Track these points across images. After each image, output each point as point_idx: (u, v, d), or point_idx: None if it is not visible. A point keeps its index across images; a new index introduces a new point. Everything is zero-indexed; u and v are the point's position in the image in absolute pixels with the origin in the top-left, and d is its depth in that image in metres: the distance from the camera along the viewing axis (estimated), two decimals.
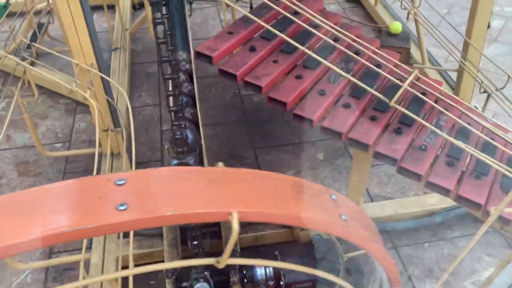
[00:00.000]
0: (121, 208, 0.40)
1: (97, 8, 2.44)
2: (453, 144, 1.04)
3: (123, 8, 2.34)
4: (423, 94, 1.16)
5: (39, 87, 1.96)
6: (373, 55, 1.14)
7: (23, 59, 1.55)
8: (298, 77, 1.11)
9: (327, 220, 0.48)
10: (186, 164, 0.98)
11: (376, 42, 1.27)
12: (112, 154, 1.60)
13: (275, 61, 1.12)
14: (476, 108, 1.80)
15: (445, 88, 1.88)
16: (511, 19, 2.56)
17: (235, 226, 0.41)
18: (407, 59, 1.65)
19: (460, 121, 1.04)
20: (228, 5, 1.08)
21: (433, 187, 1.00)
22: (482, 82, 1.34)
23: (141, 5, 2.54)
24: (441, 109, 1.07)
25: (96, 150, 1.17)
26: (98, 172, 1.62)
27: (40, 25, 1.90)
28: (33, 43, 1.45)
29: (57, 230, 0.37)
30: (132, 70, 2.11)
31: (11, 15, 1.81)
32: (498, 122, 1.32)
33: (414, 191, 1.58)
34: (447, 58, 2.20)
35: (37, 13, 1.99)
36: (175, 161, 1.01)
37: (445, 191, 0.99)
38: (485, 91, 1.36)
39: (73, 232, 0.38)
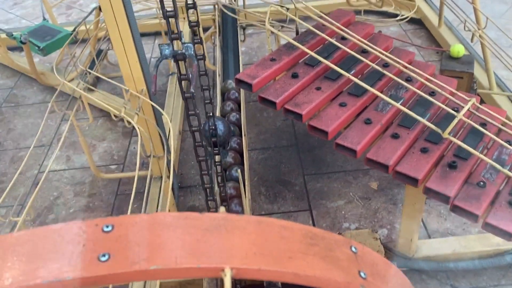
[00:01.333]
0: (103, 258, 0.37)
1: (158, 34, 2.53)
2: None
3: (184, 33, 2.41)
4: (483, 124, 1.05)
5: (99, 110, 2.05)
6: (426, 82, 1.06)
7: (82, 85, 1.62)
8: (342, 104, 1.05)
9: (341, 279, 0.42)
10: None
11: (431, 68, 1.18)
12: (161, 178, 1.62)
13: (318, 88, 1.07)
14: None
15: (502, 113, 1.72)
16: None
17: (227, 284, 0.37)
18: (471, 84, 1.52)
19: None
20: (272, 32, 1.05)
21: (492, 229, 0.89)
22: None
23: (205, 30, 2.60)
24: (502, 142, 0.96)
25: (136, 175, 1.18)
26: (148, 195, 1.65)
27: (99, 52, 2.00)
28: (89, 70, 1.51)
29: (32, 282, 0.35)
30: None
31: (76, 41, 1.92)
32: None
33: (477, 227, 1.44)
34: None
35: (99, 39, 2.09)
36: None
37: (506, 234, 0.88)
38: None
39: (49, 285, 0.36)
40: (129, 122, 1.25)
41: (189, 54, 0.70)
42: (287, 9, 1.14)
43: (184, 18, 2.41)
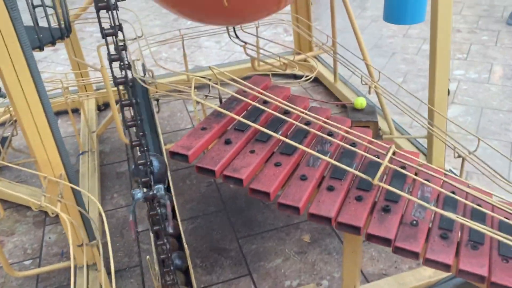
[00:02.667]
0: None
1: (61, 113, 2.43)
2: (443, 216, 1.02)
3: (88, 111, 2.34)
4: (403, 167, 1.15)
5: (4, 201, 1.87)
6: (346, 135, 1.14)
7: None
8: (277, 164, 1.09)
9: None
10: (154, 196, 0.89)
11: (347, 122, 1.28)
12: (87, 266, 1.49)
13: (252, 151, 1.10)
14: (452, 171, 1.83)
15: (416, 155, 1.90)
16: (462, 81, 2.71)
17: None
18: (377, 131, 1.67)
19: (444, 191, 1.03)
20: (198, 102, 1.08)
21: (432, 264, 0.96)
22: (455, 147, 1.36)
23: (106, 106, 2.55)
24: (423, 181, 1.06)
25: (72, 267, 1.08)
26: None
27: (4, 138, 1.85)
28: None
29: None
30: (102, 172, 2.05)
31: None
32: (476, 184, 1.32)
33: (407, 263, 1.53)
34: (411, 123, 2.26)
35: (0, 125, 1.95)
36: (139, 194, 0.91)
37: (445, 267, 0.95)
38: (459, 156, 1.38)
39: None
40: (52, 211, 1.16)
41: (160, 195, 0.73)
42: (209, 79, 1.17)
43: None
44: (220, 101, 1.26)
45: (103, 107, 2.52)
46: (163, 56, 3.39)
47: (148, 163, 0.79)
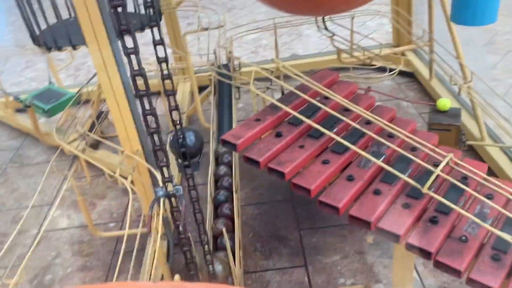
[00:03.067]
0: None
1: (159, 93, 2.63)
2: (499, 236, 0.93)
3: (182, 92, 2.50)
4: (464, 179, 1.07)
5: (100, 169, 2.10)
6: (407, 139, 1.09)
7: (82, 146, 1.68)
8: (325, 162, 1.09)
9: None
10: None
11: (412, 124, 1.22)
12: (157, 235, 1.63)
13: (301, 146, 1.11)
14: None
15: (509, 165, 1.73)
16: None
17: None
18: (459, 136, 1.55)
19: (505, 211, 0.94)
20: (257, 94, 1.11)
21: (476, 285, 0.89)
22: None
23: (201, 89, 2.70)
24: (483, 198, 0.98)
25: (126, 234, 1.20)
26: (143, 253, 1.65)
27: (101, 113, 2.08)
28: (87, 132, 1.58)
29: None
30: None
31: (80, 102, 2.01)
32: None
33: None
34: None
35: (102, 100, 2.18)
36: None
37: None
38: None
39: None
40: (122, 183, 1.29)
41: (179, 195, 0.86)
42: (272, 71, 1.20)
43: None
44: (282, 94, 1.28)
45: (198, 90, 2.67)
46: (263, 43, 3.46)
47: (182, 137, 0.86)
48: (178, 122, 0.88)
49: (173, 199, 0.93)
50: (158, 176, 1.24)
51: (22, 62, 3.74)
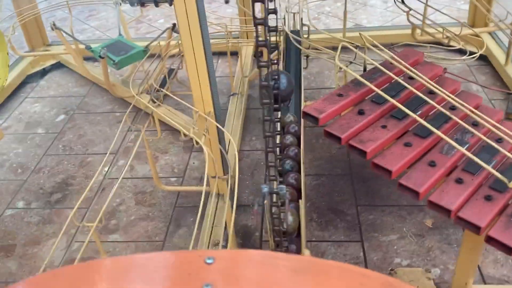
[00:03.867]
0: None
1: (222, 54, 2.64)
2: None
3: (245, 56, 2.50)
4: None
5: (164, 124, 2.16)
6: (493, 129, 1.06)
7: (153, 101, 1.73)
8: (407, 144, 1.08)
9: None
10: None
11: (499, 114, 1.18)
12: (218, 195, 1.69)
13: (383, 126, 1.10)
14: None
15: None
16: None
17: None
18: None
19: None
20: (340, 68, 1.10)
21: None
22: None
23: (261, 53, 2.68)
24: None
25: (203, 194, 1.24)
26: (204, 211, 1.72)
27: (170, 70, 2.11)
28: (161, 89, 1.61)
29: None
30: (246, 115, 2.22)
31: (149, 57, 2.05)
32: None
33: None
34: None
35: (171, 56, 2.21)
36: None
37: None
38: None
39: None
40: (197, 142, 1.33)
41: (282, 194, 0.86)
42: (357, 46, 1.18)
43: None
44: (364, 70, 1.26)
45: (260, 54, 2.66)
46: (325, 10, 3.38)
47: (276, 79, 0.83)
48: (275, 61, 0.83)
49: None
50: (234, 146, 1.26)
51: (86, 10, 3.82)
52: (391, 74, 1.11)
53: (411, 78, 1.23)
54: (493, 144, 1.02)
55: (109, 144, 2.14)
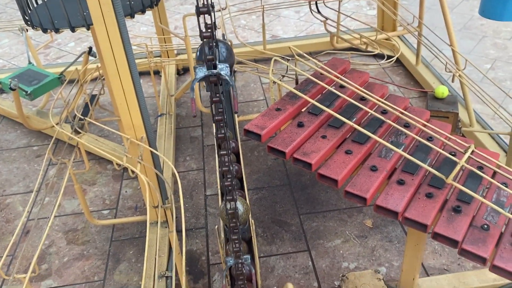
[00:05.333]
0: None
1: (143, 73, 2.55)
2: None
3: (169, 74, 2.43)
4: (480, 168, 1.11)
5: (88, 153, 2.03)
6: (424, 128, 1.11)
7: (76, 131, 1.61)
8: (348, 152, 1.10)
9: None
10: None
11: (426, 114, 1.25)
12: (157, 224, 1.61)
13: (323, 137, 1.11)
14: None
15: (495, 149, 1.81)
16: None
17: None
18: (456, 123, 1.60)
19: None
20: (274, 82, 1.09)
21: (500, 272, 0.94)
22: None
23: (185, 71, 2.64)
24: (500, 185, 1.02)
25: (148, 225, 1.17)
26: (145, 242, 1.63)
27: (92, 96, 1.99)
28: (85, 117, 1.51)
29: None
30: (176, 134, 2.16)
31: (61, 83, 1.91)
32: None
33: (471, 262, 1.49)
34: (494, 115, 2.14)
35: (90, 81, 2.09)
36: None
37: None
38: None
39: None
40: (133, 171, 1.25)
41: (225, 74, 0.67)
42: (288, 59, 1.18)
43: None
44: (296, 82, 1.27)
45: (182, 72, 2.62)
46: (241, 23, 3.41)
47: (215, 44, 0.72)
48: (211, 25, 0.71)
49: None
50: (177, 181, 1.18)
51: None
52: (323, 84, 1.13)
53: (341, 86, 1.26)
54: (426, 142, 1.07)
55: (29, 182, 1.97)
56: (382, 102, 1.18)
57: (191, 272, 1.55)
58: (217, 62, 0.68)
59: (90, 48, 1.99)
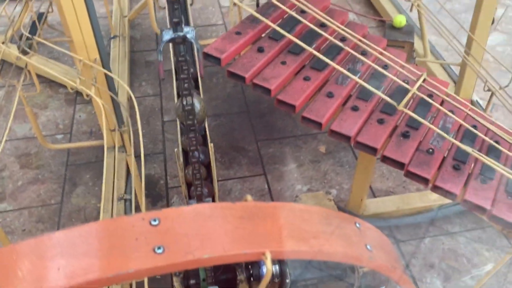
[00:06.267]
0: (158, 251, 0.40)
1: None
2: (459, 147, 1.05)
3: None
4: (430, 96, 1.16)
5: (38, 76, 1.94)
6: (380, 56, 1.13)
7: (24, 51, 1.52)
8: (306, 78, 1.11)
9: (354, 254, 0.49)
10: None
11: (383, 42, 1.26)
12: (114, 148, 1.60)
13: (283, 63, 1.12)
14: (478, 102, 1.82)
15: (446, 79, 1.88)
16: (511, 7, 2.55)
17: (269, 266, 0.42)
18: (411, 53, 1.64)
19: (466, 124, 1.05)
20: (235, 4, 1.07)
21: (440, 191, 1.02)
22: (486, 81, 1.35)
23: None
24: (447, 112, 1.07)
25: (105, 149, 1.16)
26: (102, 166, 1.62)
27: (39, 14, 1.86)
28: (33, 36, 1.42)
29: (98, 276, 0.38)
30: (131, 58, 2.09)
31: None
32: (500, 117, 1.33)
33: (415, 185, 1.60)
34: (447, 46, 2.19)
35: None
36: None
37: (451, 195, 1.01)
38: (489, 89, 1.37)
39: (114, 278, 0.38)
40: (87, 94, 1.22)
41: (191, 38, 0.67)
42: None
43: None
44: (257, 5, 1.24)
45: None
46: None
47: None
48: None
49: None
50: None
51: None
52: (286, 8, 1.11)
53: (303, 11, 1.24)
54: (381, 70, 1.10)
55: None
56: (342, 29, 1.18)
57: (150, 195, 1.58)
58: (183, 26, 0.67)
59: None
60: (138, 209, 1.50)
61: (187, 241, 0.42)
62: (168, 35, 0.67)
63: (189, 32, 0.67)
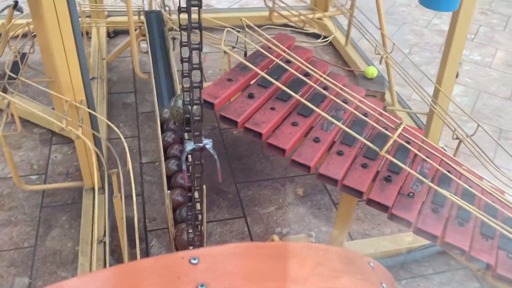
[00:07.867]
0: None
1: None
2: (437, 191, 1.12)
3: (99, 36, 2.33)
4: (408, 142, 1.24)
5: (11, 115, 1.90)
6: (360, 104, 1.21)
7: (5, 90, 1.51)
8: (294, 124, 1.16)
9: None
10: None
11: (362, 91, 1.35)
12: (93, 189, 1.58)
13: (272, 108, 1.17)
14: (444, 149, 1.93)
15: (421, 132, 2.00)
16: (466, 61, 2.77)
17: None
18: (382, 101, 1.74)
19: (442, 169, 1.13)
20: (225, 52, 1.12)
21: (422, 234, 1.07)
22: (455, 129, 1.45)
23: (116, 33, 2.54)
24: (425, 157, 1.15)
25: (84, 190, 1.16)
26: (75, 206, 1.59)
27: (22, 55, 1.86)
28: (17, 76, 1.42)
29: None
30: (109, 100, 2.09)
31: None
32: (461, 161, 1.42)
33: (389, 228, 1.67)
34: (410, 96, 2.34)
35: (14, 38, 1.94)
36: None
37: (433, 238, 1.06)
38: (457, 138, 1.47)
39: None
40: (77, 136, 1.22)
41: (209, 148, 0.87)
42: (238, 31, 1.21)
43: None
44: (245, 54, 1.31)
45: (112, 35, 2.51)
46: None
47: None
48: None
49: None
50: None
51: None
52: (273, 57, 1.18)
53: (288, 61, 1.32)
54: (362, 117, 1.17)
55: None
56: (325, 78, 1.26)
57: (129, 238, 1.55)
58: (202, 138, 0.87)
59: (16, 2, 1.85)
60: (115, 252, 1.47)
61: (229, 279, 0.44)
62: (190, 146, 0.79)
63: (207, 143, 0.79)
